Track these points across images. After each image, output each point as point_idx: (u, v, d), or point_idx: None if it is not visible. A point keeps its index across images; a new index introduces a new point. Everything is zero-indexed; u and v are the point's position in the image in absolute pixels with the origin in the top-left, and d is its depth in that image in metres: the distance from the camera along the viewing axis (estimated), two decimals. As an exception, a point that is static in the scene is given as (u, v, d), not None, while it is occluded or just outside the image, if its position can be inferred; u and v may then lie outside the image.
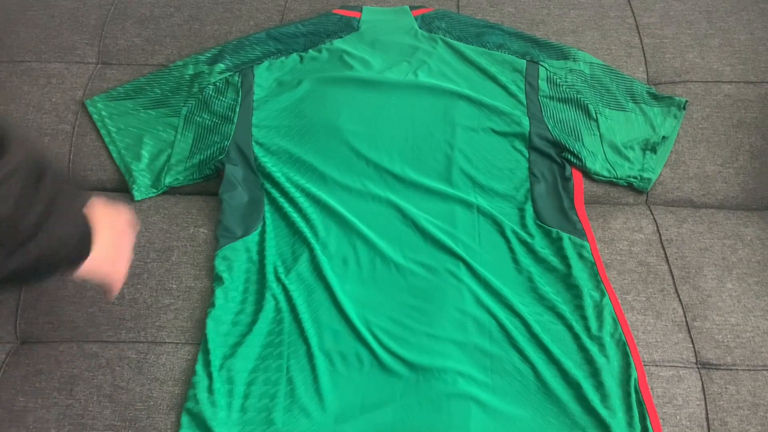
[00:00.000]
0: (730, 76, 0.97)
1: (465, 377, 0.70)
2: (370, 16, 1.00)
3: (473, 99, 0.88)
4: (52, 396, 0.72)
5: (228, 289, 0.77)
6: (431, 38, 0.96)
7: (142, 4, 1.06)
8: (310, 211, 0.82)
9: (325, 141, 0.86)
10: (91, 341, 0.76)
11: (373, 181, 0.84)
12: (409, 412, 0.69)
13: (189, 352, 0.75)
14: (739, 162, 0.91)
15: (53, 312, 0.78)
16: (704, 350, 0.75)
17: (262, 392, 0.70)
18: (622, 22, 1.03)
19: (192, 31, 1.03)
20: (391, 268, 0.78)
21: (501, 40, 0.97)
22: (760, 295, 0.79)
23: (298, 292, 0.76)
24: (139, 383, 0.72)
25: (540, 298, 0.77)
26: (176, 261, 0.81)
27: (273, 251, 0.80)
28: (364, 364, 0.72)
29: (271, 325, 0.75)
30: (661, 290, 0.80)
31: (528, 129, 0.87)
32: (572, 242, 0.81)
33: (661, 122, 0.92)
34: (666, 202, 0.91)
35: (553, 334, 0.74)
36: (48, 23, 1.04)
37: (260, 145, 0.87)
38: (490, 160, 0.86)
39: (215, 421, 0.67)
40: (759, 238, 0.85)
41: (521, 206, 0.84)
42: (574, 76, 0.93)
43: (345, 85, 0.89)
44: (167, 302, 0.78)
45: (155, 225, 0.85)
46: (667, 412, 0.71)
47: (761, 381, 0.73)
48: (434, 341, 0.73)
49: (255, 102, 0.90)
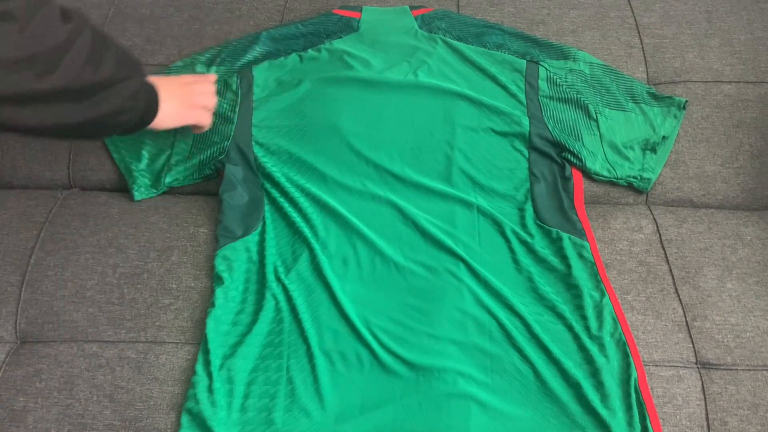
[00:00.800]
0: (730, 76, 0.97)
1: (465, 377, 0.70)
2: (370, 17, 1.00)
3: (473, 99, 0.88)
4: (52, 396, 0.72)
5: (228, 289, 0.77)
6: (431, 38, 0.96)
7: (142, 4, 1.06)
8: (310, 211, 0.82)
9: (325, 141, 0.86)
10: (91, 341, 0.76)
11: (373, 181, 0.84)
12: (409, 412, 0.69)
13: (189, 352, 0.75)
14: (739, 162, 0.91)
15: (53, 312, 0.78)
16: (704, 350, 0.75)
17: (262, 392, 0.70)
18: (622, 22, 1.03)
19: (192, 31, 1.03)
20: (391, 268, 0.78)
21: (501, 40, 0.97)
22: (760, 295, 0.79)
23: (298, 292, 0.76)
24: (139, 383, 0.72)
25: (540, 298, 0.77)
26: (176, 261, 0.81)
27: (273, 251, 0.80)
28: (364, 364, 0.72)
29: (271, 325, 0.75)
30: (661, 290, 0.80)
31: (528, 129, 0.87)
32: (572, 242, 0.81)
33: (661, 122, 0.92)
34: (666, 202, 0.91)
35: (553, 334, 0.74)
36: (48, 23, 1.04)
37: (260, 145, 0.87)
38: (490, 160, 0.86)
39: (215, 421, 0.68)
40: (759, 238, 0.85)
41: (521, 206, 0.84)
42: (574, 76, 0.93)
43: (345, 85, 0.89)
44: (167, 302, 0.78)
45: (155, 225, 0.85)
46: (667, 412, 0.71)
47: (761, 381, 0.73)
48: (434, 341, 0.73)
49: (255, 102, 0.90)
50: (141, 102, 0.72)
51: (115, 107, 0.68)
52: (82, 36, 0.63)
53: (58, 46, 0.59)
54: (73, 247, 0.83)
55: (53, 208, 0.87)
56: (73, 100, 0.63)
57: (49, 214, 0.86)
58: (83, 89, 0.63)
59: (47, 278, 0.80)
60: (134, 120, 0.72)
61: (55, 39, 0.59)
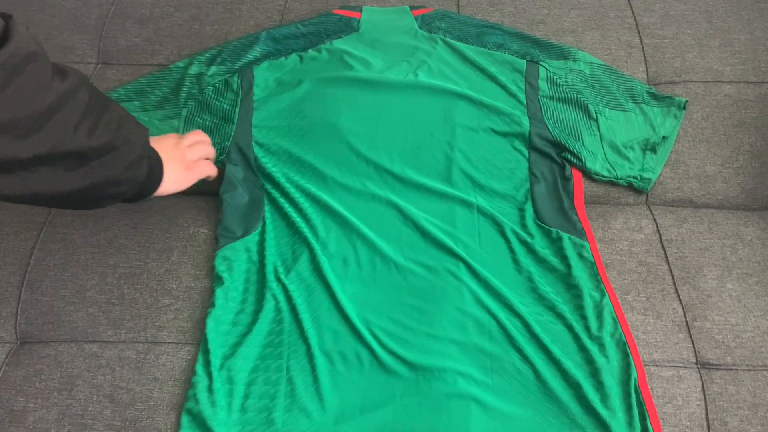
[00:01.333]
0: (730, 76, 0.97)
1: (465, 377, 0.70)
2: (370, 17, 1.00)
3: (473, 99, 0.88)
4: (52, 396, 0.72)
5: (228, 289, 0.77)
6: (431, 38, 0.96)
7: (142, 4, 1.06)
8: (310, 211, 0.82)
9: (325, 141, 0.86)
10: (91, 341, 0.76)
11: (373, 181, 0.84)
12: (409, 412, 0.69)
13: (189, 352, 0.75)
14: (739, 162, 0.91)
15: (53, 312, 0.78)
16: (704, 350, 0.75)
17: (262, 392, 0.70)
18: (622, 22, 1.03)
19: (192, 31, 1.03)
20: (391, 268, 0.78)
21: (501, 40, 0.97)
22: (760, 295, 0.79)
23: (298, 292, 0.76)
24: (139, 383, 0.72)
25: (540, 298, 0.77)
26: (176, 261, 0.81)
27: (273, 251, 0.80)
28: (364, 364, 0.72)
29: (271, 325, 0.75)
30: (661, 290, 0.80)
31: (528, 129, 0.87)
32: (572, 242, 0.81)
33: (661, 122, 0.92)
34: (666, 202, 0.91)
35: (553, 334, 0.74)
36: (48, 23, 1.04)
37: (260, 145, 0.87)
38: (490, 160, 0.86)
39: (215, 421, 0.68)
40: (759, 238, 0.85)
41: (521, 206, 0.84)
42: (574, 76, 0.94)
43: (345, 85, 0.89)
44: (167, 302, 0.78)
45: (155, 225, 0.85)
46: (667, 412, 0.71)
47: (761, 381, 0.73)
48: (434, 341, 0.73)
49: (255, 102, 0.90)
50: (143, 171, 0.66)
51: (110, 177, 0.62)
52: (77, 96, 0.57)
53: (43, 107, 0.53)
54: (73, 247, 0.83)
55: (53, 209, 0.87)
56: (61, 167, 0.57)
57: (49, 214, 0.86)
58: (71, 155, 0.57)
59: (47, 278, 0.80)
60: (133, 190, 0.67)
61: (42, 99, 0.53)
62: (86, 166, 0.59)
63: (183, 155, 0.76)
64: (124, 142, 0.62)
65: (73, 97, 0.57)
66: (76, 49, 1.01)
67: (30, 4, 1.06)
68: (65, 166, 0.57)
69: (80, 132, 0.57)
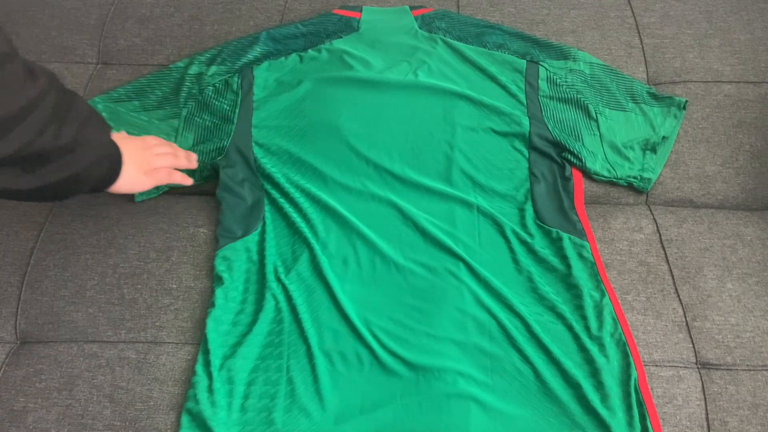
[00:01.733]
0: (730, 76, 0.97)
1: (465, 377, 0.70)
2: (370, 17, 1.00)
3: (473, 99, 0.89)
4: (52, 396, 0.72)
5: (228, 289, 0.77)
6: (431, 38, 0.96)
7: (142, 4, 1.06)
8: (310, 211, 0.82)
9: (325, 141, 0.86)
10: (91, 341, 0.76)
11: (373, 181, 0.84)
12: (409, 412, 0.69)
13: (189, 352, 0.75)
14: (739, 162, 0.91)
15: (53, 312, 0.78)
16: (704, 350, 0.75)
17: (262, 392, 0.70)
18: (622, 22, 1.03)
19: (192, 31, 1.03)
20: (391, 268, 0.78)
21: (501, 40, 0.97)
22: (760, 295, 0.79)
23: (298, 292, 0.76)
24: (139, 383, 0.72)
25: (540, 298, 0.77)
26: (176, 261, 0.81)
27: (273, 251, 0.80)
28: (364, 364, 0.72)
29: (271, 325, 0.75)
30: (661, 290, 0.80)
31: (528, 129, 0.87)
32: (572, 242, 0.81)
33: (661, 122, 0.92)
34: (666, 202, 0.91)
35: (553, 334, 0.74)
36: (48, 23, 1.04)
37: (260, 145, 0.87)
38: (490, 160, 0.86)
39: (215, 421, 0.68)
40: (759, 238, 0.85)
41: (521, 206, 0.84)
42: (574, 76, 0.94)
43: (345, 85, 0.89)
44: (167, 302, 0.78)
45: (155, 225, 0.85)
46: (667, 412, 0.71)
47: (761, 381, 0.73)
48: (434, 341, 0.73)
49: (255, 102, 0.90)
50: (103, 170, 0.68)
51: (72, 175, 0.63)
52: (47, 99, 0.58)
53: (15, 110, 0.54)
54: (73, 247, 0.83)
55: (53, 209, 0.87)
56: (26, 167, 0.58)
57: (49, 214, 0.86)
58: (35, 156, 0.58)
59: (47, 278, 0.80)
60: (90, 185, 0.68)
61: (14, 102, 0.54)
62: (48, 166, 0.60)
63: (146, 160, 0.76)
64: (86, 141, 0.63)
65: (43, 99, 0.57)
66: (76, 49, 1.02)
67: (30, 4, 1.06)
68: (26, 166, 0.58)
69: (46, 135, 0.58)
